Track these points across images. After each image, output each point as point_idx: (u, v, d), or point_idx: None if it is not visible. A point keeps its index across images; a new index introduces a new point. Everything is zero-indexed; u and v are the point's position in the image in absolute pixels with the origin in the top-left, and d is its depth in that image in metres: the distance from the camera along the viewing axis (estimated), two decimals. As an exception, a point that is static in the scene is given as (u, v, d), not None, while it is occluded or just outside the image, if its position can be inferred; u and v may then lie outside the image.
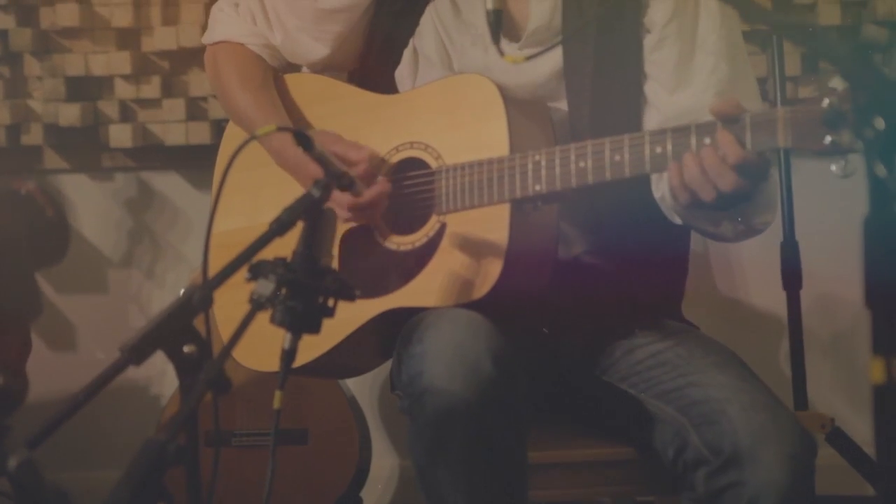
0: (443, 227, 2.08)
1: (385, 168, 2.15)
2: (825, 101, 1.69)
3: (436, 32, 2.23)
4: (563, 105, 2.15)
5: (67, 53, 3.39)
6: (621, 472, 2.19)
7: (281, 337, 1.69)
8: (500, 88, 2.05)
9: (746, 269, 3.41)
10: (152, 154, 3.45)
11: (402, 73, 2.26)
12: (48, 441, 1.47)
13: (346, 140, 2.14)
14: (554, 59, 2.14)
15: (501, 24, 2.02)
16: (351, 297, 1.73)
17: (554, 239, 2.08)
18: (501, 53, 2.00)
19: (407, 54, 2.25)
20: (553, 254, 2.08)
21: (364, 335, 2.11)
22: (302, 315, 1.68)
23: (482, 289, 2.00)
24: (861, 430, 3.13)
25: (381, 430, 3.42)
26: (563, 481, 2.20)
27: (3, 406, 2.73)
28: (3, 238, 2.85)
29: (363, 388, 3.32)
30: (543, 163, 1.97)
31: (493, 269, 1.99)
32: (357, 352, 2.18)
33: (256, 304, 1.63)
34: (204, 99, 3.39)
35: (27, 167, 3.44)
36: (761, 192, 1.90)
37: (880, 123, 1.23)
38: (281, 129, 1.91)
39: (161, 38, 3.37)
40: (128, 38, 3.40)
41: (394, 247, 2.14)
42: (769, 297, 3.27)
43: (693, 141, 1.83)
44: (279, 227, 1.69)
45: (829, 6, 3.29)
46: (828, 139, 1.68)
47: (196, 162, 3.41)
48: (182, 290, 3.18)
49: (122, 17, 3.36)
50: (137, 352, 1.51)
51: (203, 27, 3.09)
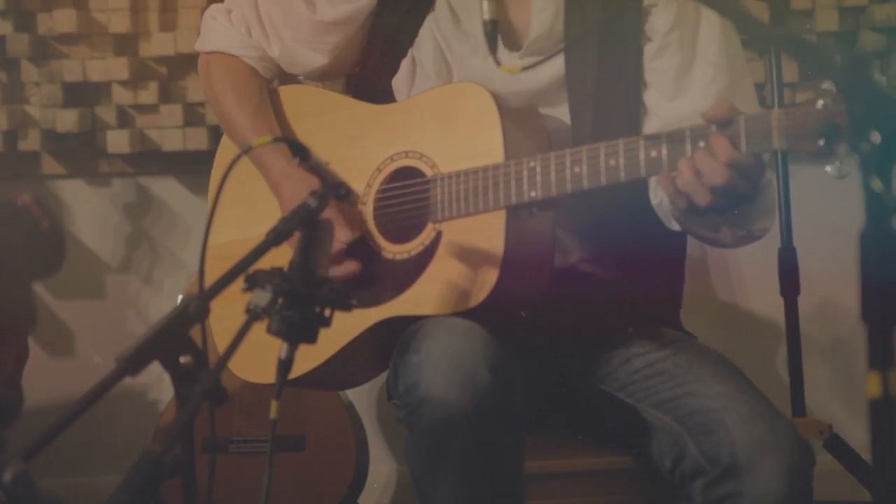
0: (439, 235, 2.07)
1: (379, 178, 2.15)
2: (819, 102, 1.69)
3: (434, 42, 2.23)
4: (563, 112, 2.15)
5: (65, 59, 3.40)
6: (619, 481, 2.19)
7: (277, 349, 1.69)
8: (495, 97, 2.05)
9: (744, 274, 3.40)
10: (150, 159, 3.45)
11: (399, 83, 2.26)
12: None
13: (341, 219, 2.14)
14: (555, 67, 2.13)
15: (497, 34, 2.02)
16: (348, 307, 1.73)
17: (550, 246, 2.07)
18: (498, 63, 2.00)
19: (405, 64, 2.25)
20: (550, 261, 2.07)
21: (361, 345, 2.11)
22: (298, 325, 1.67)
23: (479, 296, 1.99)
24: (858, 436, 3.13)
25: (379, 435, 3.42)
26: (560, 490, 2.20)
27: (0, 419, 2.72)
28: (-1, 250, 2.84)
29: (360, 393, 3.31)
30: (539, 169, 1.96)
31: (490, 277, 1.99)
32: (354, 362, 2.18)
33: (253, 314, 1.63)
34: (201, 104, 3.39)
35: (25, 173, 3.44)
36: (760, 197, 1.90)
37: (876, 137, 1.22)
38: (277, 139, 1.90)
39: (158, 44, 3.37)
40: (125, 44, 3.40)
41: (390, 256, 2.13)
42: (767, 302, 3.27)
43: (688, 144, 1.83)
44: (276, 237, 1.69)
45: (826, 13, 3.30)
46: (822, 141, 1.68)
47: (194, 167, 3.41)
48: (180, 296, 3.21)
49: (119, 23, 3.37)
50: (133, 363, 1.51)
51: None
